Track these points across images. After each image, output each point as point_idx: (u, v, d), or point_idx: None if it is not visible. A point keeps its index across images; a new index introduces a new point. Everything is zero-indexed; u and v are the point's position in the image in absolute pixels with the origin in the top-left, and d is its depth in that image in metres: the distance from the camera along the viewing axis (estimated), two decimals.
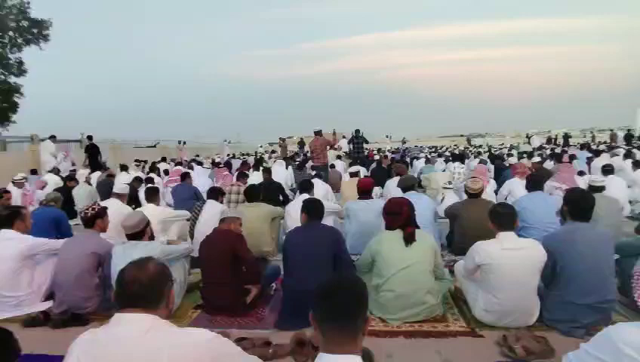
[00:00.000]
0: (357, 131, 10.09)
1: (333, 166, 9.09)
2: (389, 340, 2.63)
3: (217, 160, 12.74)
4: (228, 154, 19.24)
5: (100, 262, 3.08)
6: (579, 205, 2.62)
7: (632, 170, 7.52)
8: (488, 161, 10.11)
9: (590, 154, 10.73)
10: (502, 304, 2.61)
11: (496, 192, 6.32)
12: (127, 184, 5.35)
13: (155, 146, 19.84)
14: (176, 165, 10.59)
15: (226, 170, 8.50)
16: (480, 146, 24.45)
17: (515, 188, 5.32)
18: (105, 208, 3.32)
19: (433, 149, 22.01)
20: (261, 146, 28.71)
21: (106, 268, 3.01)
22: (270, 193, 5.66)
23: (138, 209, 4.30)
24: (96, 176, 8.66)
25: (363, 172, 7.69)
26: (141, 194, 5.86)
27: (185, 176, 6.31)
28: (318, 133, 7.81)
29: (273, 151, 21.93)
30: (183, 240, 4.29)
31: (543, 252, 2.57)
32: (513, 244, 2.60)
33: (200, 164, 11.51)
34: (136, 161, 12.18)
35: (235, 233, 3.11)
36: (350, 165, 7.50)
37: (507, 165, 7.89)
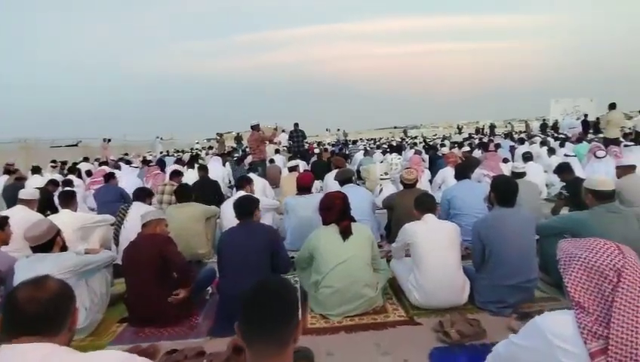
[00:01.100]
0: (296, 125, 9.99)
1: (272, 161, 8.93)
2: (330, 337, 2.58)
3: (149, 158, 11.94)
4: (161, 152, 18.17)
5: (0, 280, 2.67)
6: (504, 192, 2.76)
7: (548, 156, 8.26)
8: (423, 151, 10.56)
9: (513, 143, 11.64)
10: (429, 280, 2.71)
11: (430, 181, 6.59)
12: (38, 188, 4.76)
13: (76, 145, 18.15)
14: (100, 165, 9.73)
15: (157, 169, 7.96)
16: (416, 137, 25.54)
17: (448, 176, 5.57)
18: (5, 218, 2.89)
19: (372, 141, 22.65)
20: (197, 143, 27.49)
21: (9, 286, 2.62)
22: (206, 191, 5.37)
23: (51, 216, 3.83)
24: (3, 180, 7.68)
25: (303, 166, 7.63)
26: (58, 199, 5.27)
27: (109, 177, 5.77)
28: (254, 128, 7.57)
29: (210, 148, 21.13)
30: (106, 247, 3.91)
31: (459, 230, 2.90)
32: (435, 223, 2.88)
33: (129, 163, 10.68)
34: (52, 162, 11.00)
35: (162, 236, 2.87)
36: (290, 159, 7.38)
37: (440, 155, 8.26)
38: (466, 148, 8.65)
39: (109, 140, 14.58)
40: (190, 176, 6.54)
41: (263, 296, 1.09)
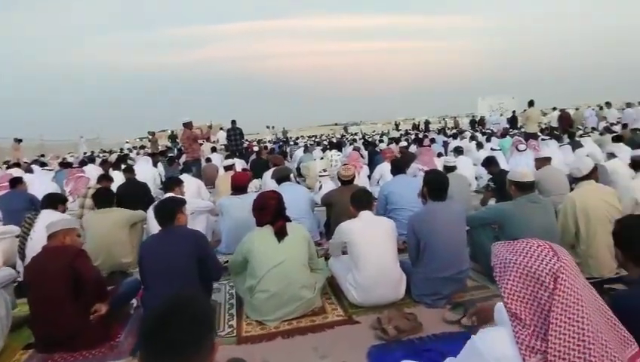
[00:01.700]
0: (233, 122, 9.63)
1: (209, 160, 8.53)
2: (266, 344, 2.46)
3: (70, 159, 10.84)
4: (85, 153, 16.67)
5: None
6: (435, 186, 2.80)
7: (476, 150, 8.78)
8: (362, 147, 10.74)
9: (446, 138, 12.26)
10: (367, 277, 2.68)
11: (369, 177, 6.68)
12: None
13: None
14: (8, 168, 8.64)
15: (80, 171, 7.24)
16: (355, 134, 26.08)
17: (386, 171, 5.67)
18: None
19: (313, 138, 22.71)
20: (128, 142, 25.61)
21: None
22: (133, 195, 4.95)
23: None
24: None
25: (241, 165, 7.37)
26: None
27: (15, 182, 5.06)
28: (186, 125, 7.12)
29: (142, 147, 19.86)
30: (11, 263, 3.43)
31: (394, 225, 2.89)
32: (371, 220, 2.85)
33: (43, 165, 9.61)
34: None
35: (72, 247, 2.54)
36: (226, 158, 7.08)
37: (379, 151, 8.43)
38: (403, 144, 8.94)
39: (21, 140, 13.00)
40: (117, 179, 6.00)
41: (172, 318, 0.93)
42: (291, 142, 18.09)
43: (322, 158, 8.44)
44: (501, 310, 1.19)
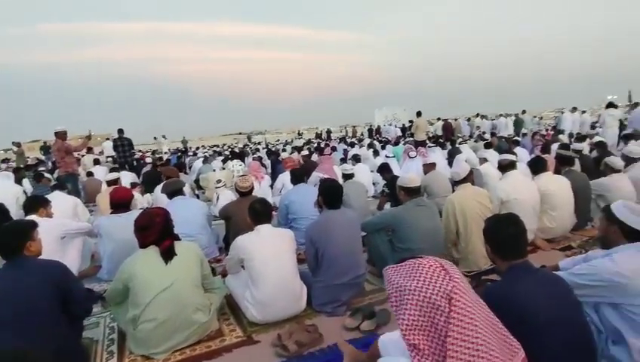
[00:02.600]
0: (120, 132, 8.69)
1: (91, 174, 7.55)
2: None
3: None
4: None
5: None
6: (330, 195, 2.83)
7: (373, 157, 9.29)
8: (265, 156, 10.62)
9: (346, 146, 12.78)
10: (266, 294, 2.58)
11: (272, 186, 6.59)
12: None
13: None
14: None
15: None
16: (259, 143, 25.85)
17: (287, 181, 5.61)
18: None
19: (214, 148, 21.80)
20: None
21: None
22: None
23: None
24: None
25: (129, 178, 6.66)
26: None
27: None
28: (58, 135, 6.13)
29: (5, 160, 16.95)
30: None
31: (293, 236, 2.79)
32: (268, 233, 2.71)
33: None
34: None
35: None
36: (111, 171, 6.29)
37: (281, 160, 8.39)
38: (305, 153, 9.03)
39: None
40: None
41: None
42: (190, 153, 17.09)
43: (223, 169, 8.11)
44: (386, 344, 1.19)
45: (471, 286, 3.02)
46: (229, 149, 16.97)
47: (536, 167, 4.04)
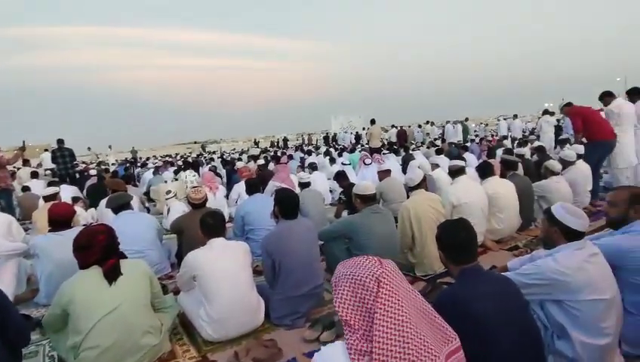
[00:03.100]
0: (60, 142, 8.09)
1: (27, 188, 6.96)
2: None
3: None
4: None
5: None
6: (285, 205, 2.78)
7: (330, 165, 9.36)
8: (221, 166, 10.36)
9: (303, 155, 12.78)
10: (221, 311, 2.48)
11: (227, 197, 6.41)
12: None
13: None
14: None
15: None
16: (214, 152, 25.23)
17: (243, 191, 5.49)
18: None
19: (166, 158, 20.93)
20: None
21: None
22: None
23: None
24: None
25: (71, 192, 6.21)
26: None
27: None
28: None
29: None
30: None
31: (248, 249, 2.70)
32: (221, 247, 2.60)
33: None
34: None
35: None
36: (49, 185, 5.82)
37: (236, 169, 8.21)
38: (261, 162, 8.90)
39: None
40: None
41: None
42: (140, 163, 16.27)
43: (176, 180, 7.80)
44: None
45: (427, 289, 3.10)
46: (182, 159, 16.42)
47: (484, 171, 4.24)
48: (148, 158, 19.87)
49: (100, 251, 2.21)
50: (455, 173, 4.10)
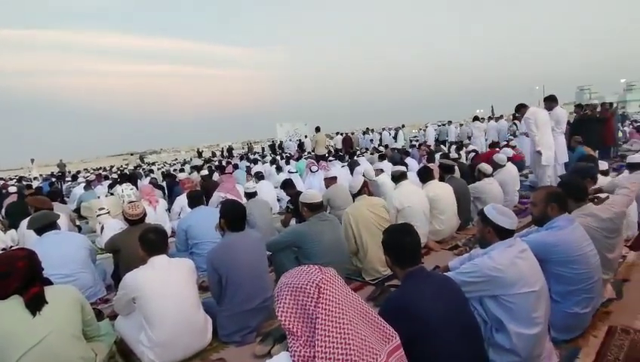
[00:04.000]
0: None
1: None
2: None
3: None
4: None
5: None
6: (232, 217, 2.69)
7: (277, 173, 9.28)
8: (161, 178, 9.86)
9: (249, 164, 12.55)
10: (165, 333, 2.33)
11: (169, 210, 6.11)
12: None
13: None
14: None
15: None
16: (154, 164, 24.00)
17: (186, 203, 5.26)
18: None
19: (100, 171, 19.48)
20: None
21: None
22: None
23: None
24: None
25: None
26: None
27: None
28: None
29: None
30: None
31: (192, 265, 2.57)
32: (164, 265, 2.44)
33: None
34: None
35: None
36: None
37: (178, 181, 7.86)
38: (205, 172, 8.60)
39: None
40: None
41: None
42: (69, 178, 14.96)
43: (111, 194, 7.29)
44: None
45: (376, 293, 3.15)
46: (118, 172, 15.41)
47: (424, 176, 4.44)
48: (78, 172, 18.34)
49: (20, 279, 1.98)
50: (398, 178, 4.24)
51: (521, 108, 5.92)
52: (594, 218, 2.55)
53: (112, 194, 7.52)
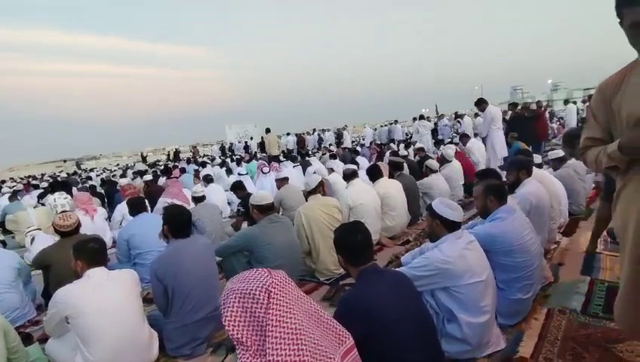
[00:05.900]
0: None
1: None
2: None
3: None
4: None
5: None
6: (176, 223, 2.53)
7: (227, 176, 9.01)
8: (99, 185, 9.20)
9: (197, 167, 12.07)
10: (105, 351, 2.12)
11: (109, 219, 5.70)
12: None
13: None
14: None
15: None
16: (92, 170, 22.42)
17: (128, 211, 4.93)
18: None
19: (28, 179, 17.78)
20: None
21: None
22: None
23: None
24: None
25: None
26: None
27: None
28: None
29: None
30: None
31: (136, 276, 2.36)
32: (103, 277, 2.21)
33: None
34: None
35: None
36: None
37: (119, 188, 7.37)
38: (149, 177, 8.11)
39: None
40: None
41: None
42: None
43: (42, 205, 6.68)
44: None
45: (331, 293, 3.12)
46: (50, 179, 14.19)
47: (374, 174, 4.50)
48: (3, 181, 16.63)
49: None
50: (349, 176, 4.26)
51: (482, 104, 6.61)
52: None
53: (42, 204, 6.89)
